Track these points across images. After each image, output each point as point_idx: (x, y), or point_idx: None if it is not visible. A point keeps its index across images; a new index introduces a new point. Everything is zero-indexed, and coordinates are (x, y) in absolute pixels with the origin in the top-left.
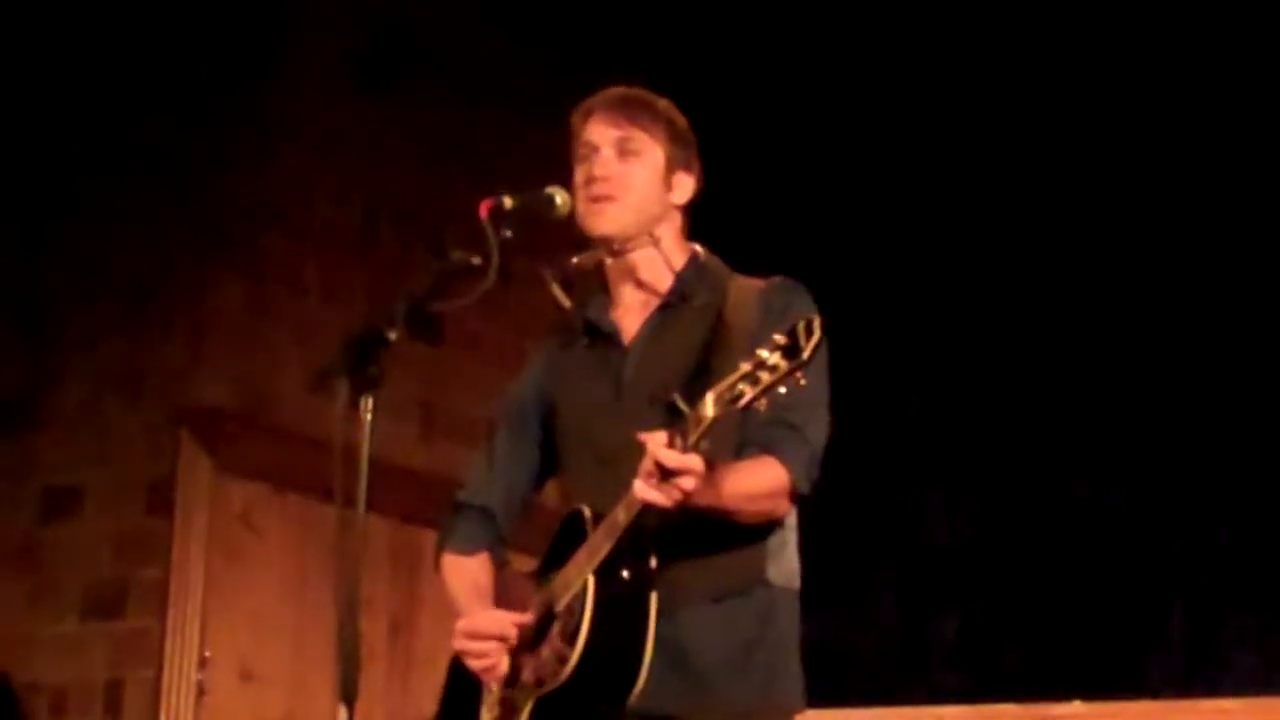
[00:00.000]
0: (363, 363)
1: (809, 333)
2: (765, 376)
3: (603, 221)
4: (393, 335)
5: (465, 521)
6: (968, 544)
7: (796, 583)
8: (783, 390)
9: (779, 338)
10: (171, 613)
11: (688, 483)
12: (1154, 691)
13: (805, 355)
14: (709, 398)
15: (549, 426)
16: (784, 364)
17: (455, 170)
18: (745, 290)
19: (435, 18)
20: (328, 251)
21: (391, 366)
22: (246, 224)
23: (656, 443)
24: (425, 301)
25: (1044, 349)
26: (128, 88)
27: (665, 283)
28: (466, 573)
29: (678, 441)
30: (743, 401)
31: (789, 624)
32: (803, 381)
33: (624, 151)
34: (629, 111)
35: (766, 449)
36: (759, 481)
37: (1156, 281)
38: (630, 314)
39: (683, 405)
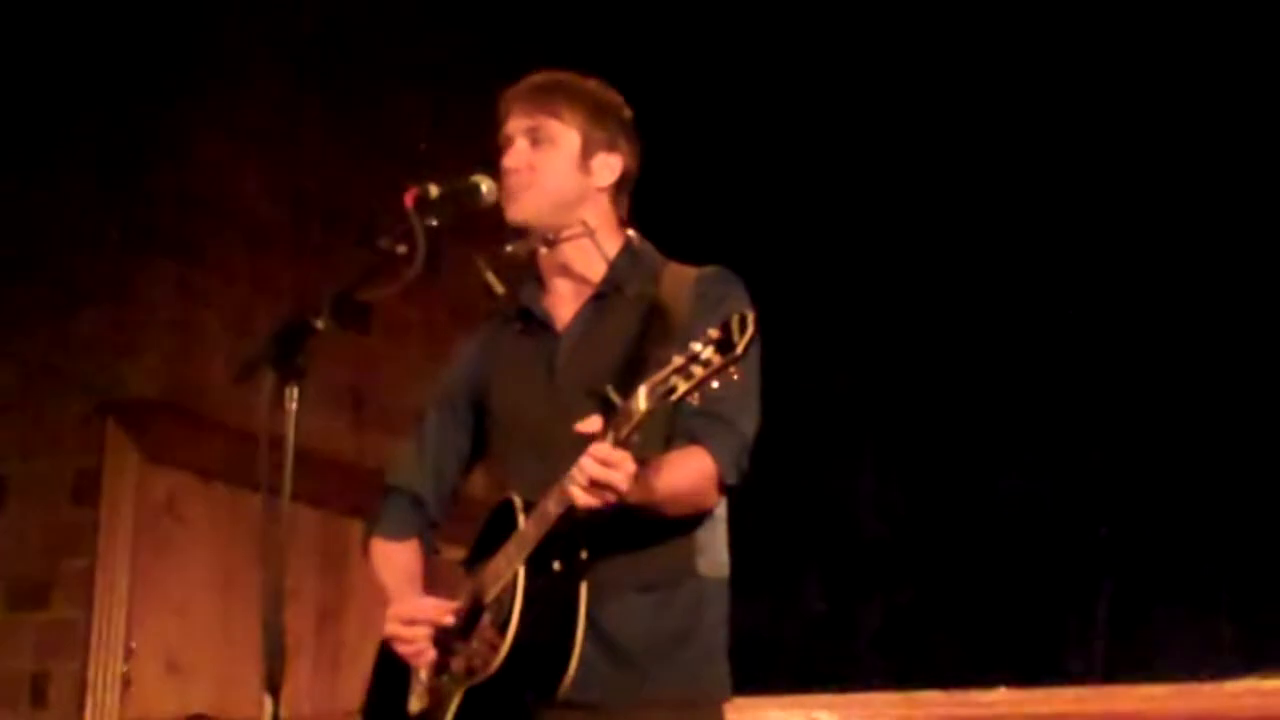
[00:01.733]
0: (289, 352)
1: (743, 327)
2: (698, 370)
3: (517, 209)
4: (320, 324)
5: (395, 507)
6: (894, 531)
7: (725, 573)
8: (715, 384)
9: (712, 332)
10: (97, 604)
11: (619, 481)
12: (1080, 678)
13: (739, 350)
14: (641, 391)
15: (480, 412)
16: (717, 358)
17: (382, 160)
18: (679, 278)
19: (364, 9)
20: (255, 241)
21: (319, 356)
22: (174, 214)
23: (593, 437)
24: (353, 290)
25: (970, 339)
26: (56, 77)
27: (598, 271)
28: (397, 559)
29: (609, 436)
30: (675, 395)
31: (718, 614)
32: (735, 376)
33: (535, 140)
34: (541, 99)
35: (695, 440)
36: (688, 474)
37: (1081, 270)
38: (563, 302)
39: (615, 398)
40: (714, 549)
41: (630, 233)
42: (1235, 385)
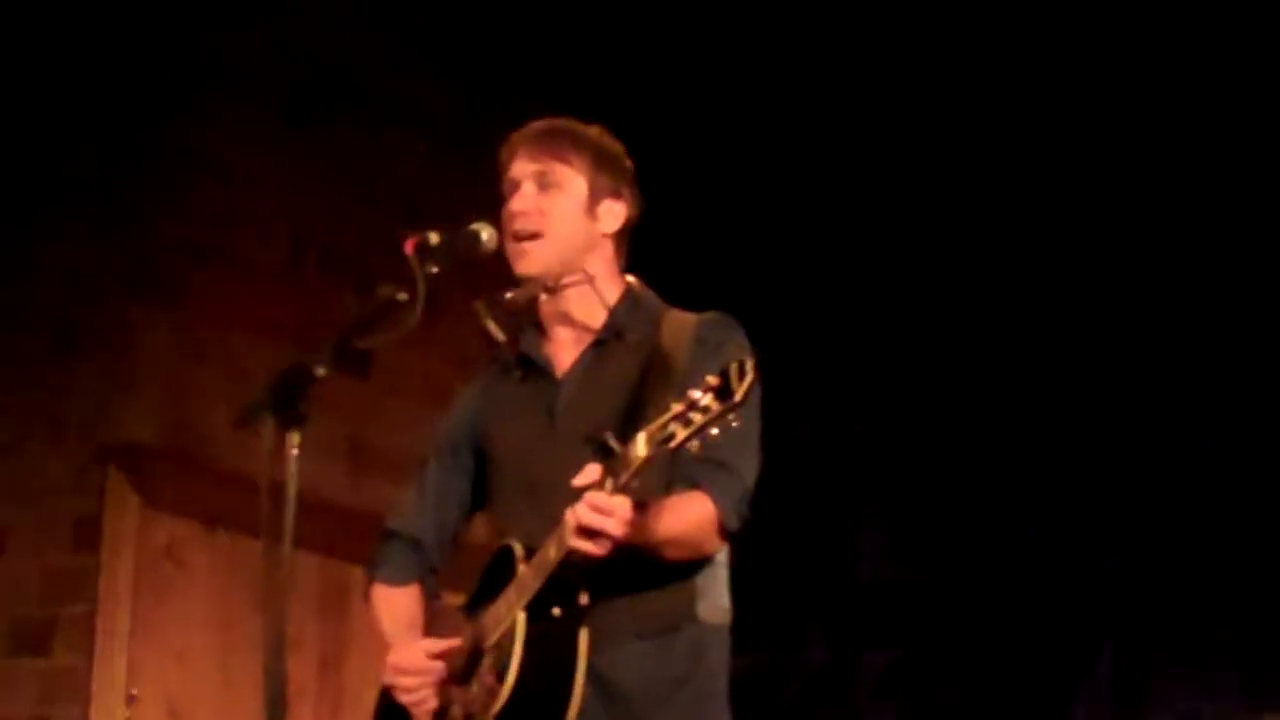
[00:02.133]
0: (289, 399)
1: (741, 374)
2: (697, 417)
3: (528, 262)
4: (320, 371)
5: (396, 552)
6: (897, 581)
7: (727, 619)
8: (715, 431)
9: (711, 379)
10: (98, 650)
11: (614, 528)
12: None
13: (738, 397)
14: (640, 438)
15: (481, 458)
16: (716, 405)
17: (381, 206)
18: (679, 325)
19: (359, 54)
20: (254, 288)
21: (319, 403)
22: (173, 260)
23: (590, 487)
24: (352, 337)
25: (973, 389)
26: (52, 123)
27: (599, 318)
28: (397, 604)
29: (607, 483)
30: (674, 442)
31: (718, 660)
32: (735, 423)
33: (543, 184)
34: (548, 143)
35: (696, 486)
36: (688, 518)
37: (1090, 321)
38: (564, 349)
39: (614, 444)
40: (714, 594)
41: (630, 279)
42: (1227, 432)
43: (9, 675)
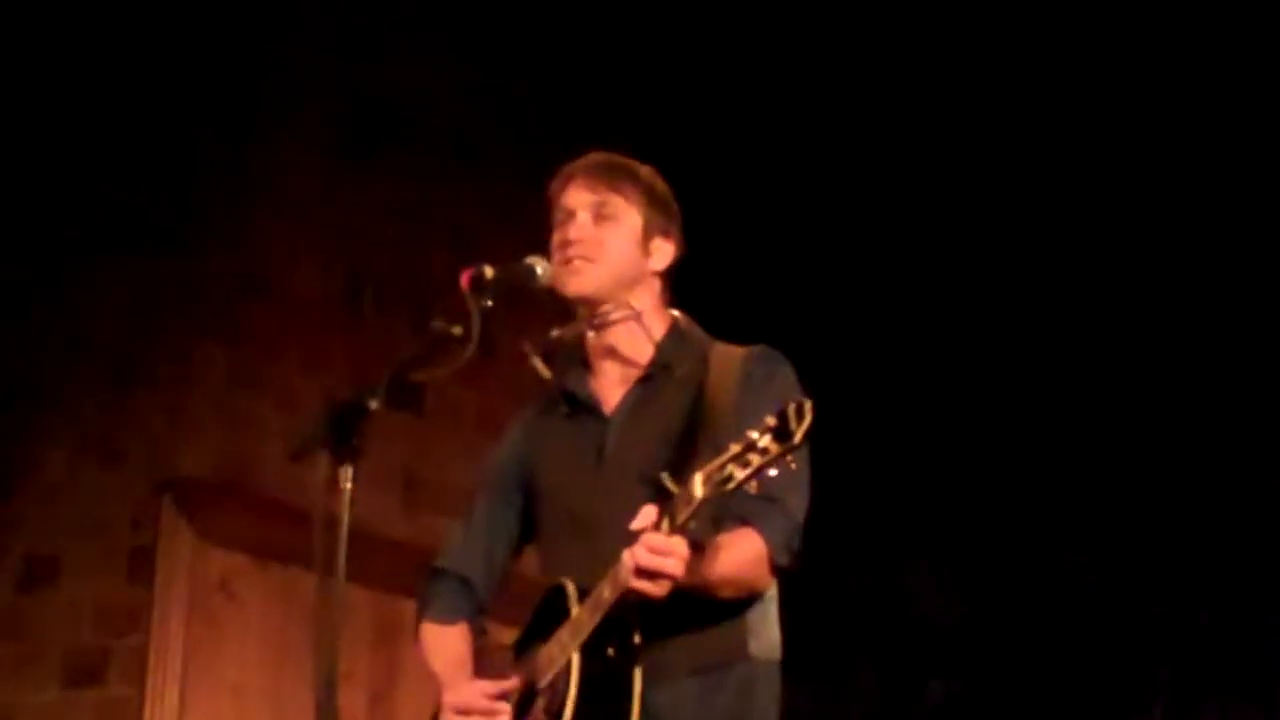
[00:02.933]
0: (344, 433)
1: (799, 416)
2: (755, 459)
3: (578, 281)
4: (374, 405)
5: (444, 590)
6: (951, 618)
7: (777, 654)
8: (773, 473)
9: (770, 420)
10: (151, 681)
11: (672, 568)
12: None
13: (797, 439)
14: (698, 478)
15: (528, 495)
16: (775, 447)
17: (437, 240)
18: (726, 359)
19: (417, 87)
20: (309, 320)
21: (373, 436)
22: (228, 293)
23: (647, 530)
24: (407, 371)
25: (1028, 427)
26: (109, 158)
27: (646, 354)
28: (447, 644)
29: (664, 523)
30: (733, 484)
31: (769, 696)
32: (793, 465)
33: (600, 216)
34: (606, 176)
35: (746, 522)
36: (741, 557)
37: (1137, 358)
38: (610, 385)
39: (671, 485)
40: (765, 631)
41: (676, 314)
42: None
43: (64, 706)
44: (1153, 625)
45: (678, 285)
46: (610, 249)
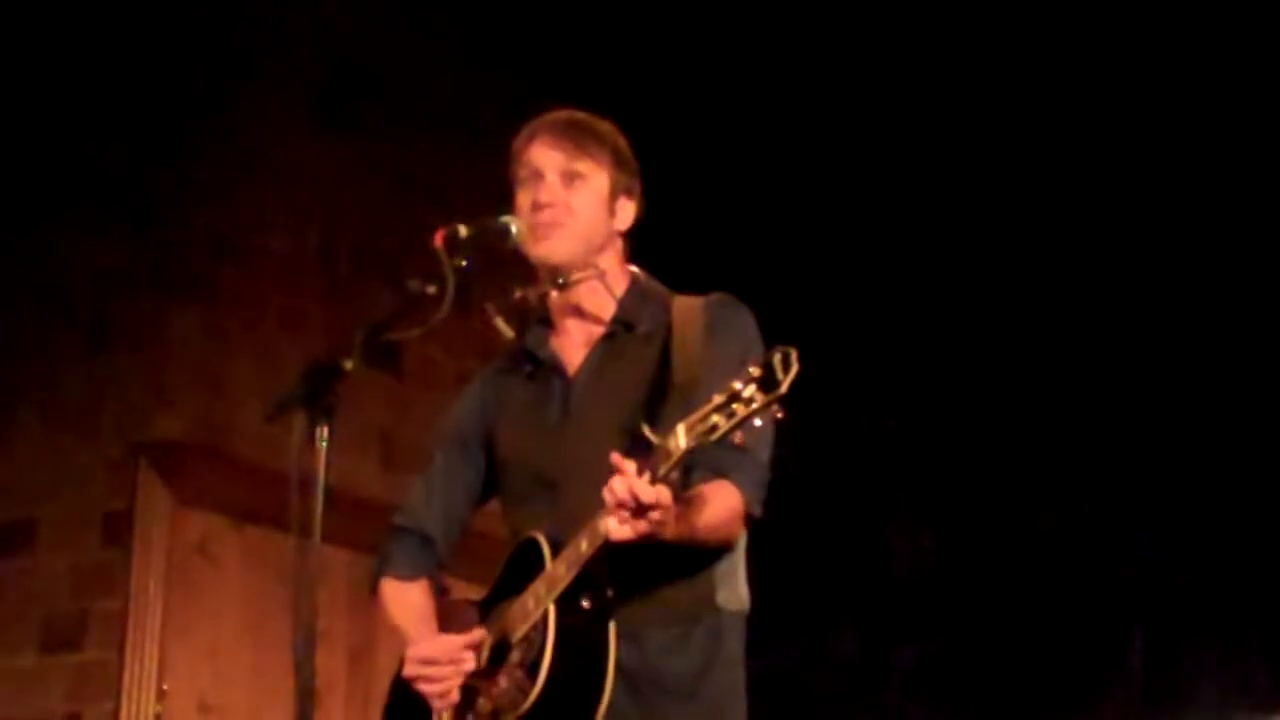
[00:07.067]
0: (319, 393)
1: (786, 364)
2: (740, 409)
3: (547, 246)
4: (349, 365)
5: (404, 547)
6: (927, 576)
7: (745, 607)
8: (758, 423)
9: (754, 369)
10: (130, 645)
11: (658, 516)
12: None
13: (784, 389)
14: (680, 429)
15: (489, 453)
16: (760, 396)
17: (411, 201)
18: (687, 310)
19: (391, 50)
20: (285, 283)
21: (348, 396)
22: (204, 256)
23: (628, 474)
24: (382, 331)
25: (1003, 382)
26: (85, 120)
27: (608, 311)
28: (409, 599)
29: (646, 474)
30: (717, 434)
31: (737, 647)
32: (780, 414)
33: (569, 177)
34: (575, 136)
35: (719, 473)
36: (722, 510)
37: (1112, 317)
38: (573, 343)
39: (652, 436)
40: (734, 583)
41: (635, 270)
42: (1264, 426)
43: (41, 670)
44: (1128, 585)
45: (639, 240)
46: (579, 213)
